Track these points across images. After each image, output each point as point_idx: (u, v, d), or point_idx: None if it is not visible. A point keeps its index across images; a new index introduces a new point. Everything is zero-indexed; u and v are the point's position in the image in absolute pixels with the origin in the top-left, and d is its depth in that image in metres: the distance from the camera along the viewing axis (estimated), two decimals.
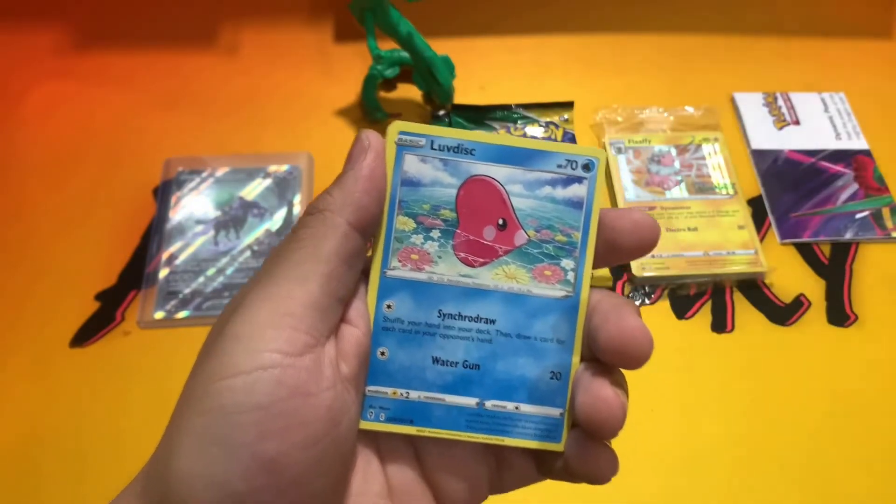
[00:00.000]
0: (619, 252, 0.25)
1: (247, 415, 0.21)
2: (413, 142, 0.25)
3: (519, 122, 0.62)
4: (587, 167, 0.26)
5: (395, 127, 0.25)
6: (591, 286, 0.26)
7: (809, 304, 0.54)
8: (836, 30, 0.70)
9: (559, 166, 0.26)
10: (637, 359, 0.23)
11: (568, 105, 0.63)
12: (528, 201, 0.26)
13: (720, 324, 0.53)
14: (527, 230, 0.26)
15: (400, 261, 0.26)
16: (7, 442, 0.46)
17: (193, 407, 0.22)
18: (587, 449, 0.25)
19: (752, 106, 0.65)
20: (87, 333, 0.51)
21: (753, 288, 0.54)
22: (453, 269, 0.26)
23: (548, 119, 0.62)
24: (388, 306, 0.26)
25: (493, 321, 0.26)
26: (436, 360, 0.26)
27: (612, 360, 0.24)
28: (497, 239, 0.26)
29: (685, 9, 0.71)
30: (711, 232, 0.56)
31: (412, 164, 0.25)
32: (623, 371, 0.25)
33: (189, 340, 0.51)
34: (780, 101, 0.65)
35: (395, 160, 0.25)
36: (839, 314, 0.53)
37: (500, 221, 0.26)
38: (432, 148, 0.25)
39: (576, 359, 0.25)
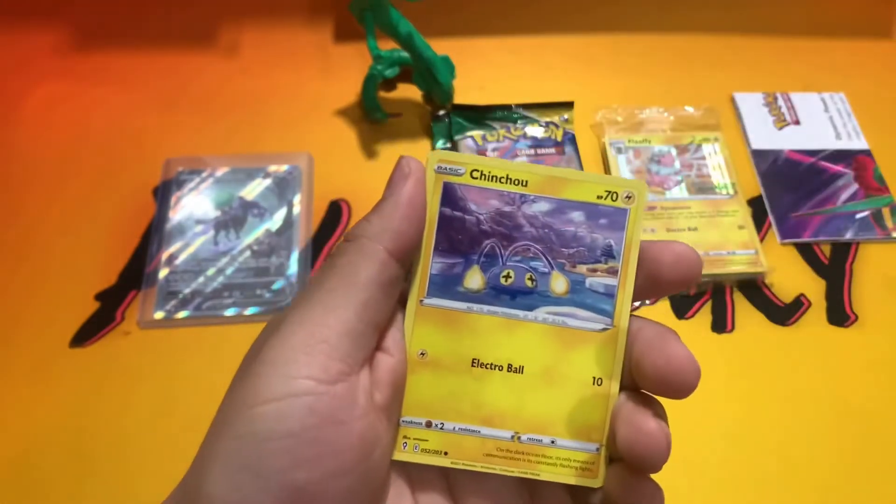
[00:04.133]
0: (660, 285, 0.25)
1: (278, 442, 0.21)
2: (453, 170, 0.25)
3: (519, 122, 0.62)
4: (628, 198, 0.25)
5: (435, 155, 0.25)
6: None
7: (809, 304, 0.54)
8: (836, 30, 0.70)
9: (599, 197, 0.25)
10: (684, 389, 0.23)
11: (568, 105, 0.63)
12: (567, 231, 0.25)
13: (720, 324, 0.53)
14: (566, 261, 0.25)
15: (437, 289, 0.25)
16: (7, 442, 0.46)
17: (225, 432, 0.21)
18: (630, 484, 0.24)
19: (752, 106, 0.65)
20: (87, 333, 0.51)
21: (753, 288, 0.54)
22: (491, 299, 0.25)
23: (548, 119, 0.62)
24: (425, 335, 0.25)
25: (530, 353, 0.25)
26: (471, 392, 0.25)
27: (657, 389, 0.24)
28: (535, 269, 0.25)
29: (685, 9, 0.71)
30: (711, 232, 0.56)
31: (451, 193, 0.25)
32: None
33: (189, 340, 0.51)
34: (780, 101, 0.65)
35: (434, 188, 0.25)
36: (839, 314, 0.53)
37: (539, 251, 0.25)
38: (472, 177, 0.25)
39: (614, 391, 0.25)
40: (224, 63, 0.66)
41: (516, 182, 0.25)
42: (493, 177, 0.25)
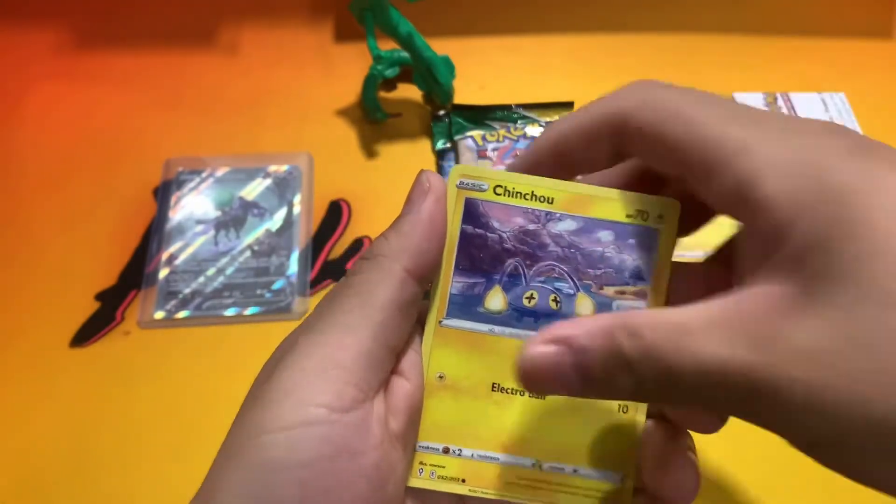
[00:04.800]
0: None
1: (289, 473, 0.20)
2: (475, 186, 0.24)
3: (519, 122, 0.62)
4: (660, 218, 0.24)
5: (457, 170, 0.24)
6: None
7: None
8: (836, 30, 0.70)
9: (629, 216, 0.24)
10: (715, 423, 0.22)
11: (568, 105, 0.63)
12: (594, 251, 0.24)
13: None
14: (592, 282, 0.24)
15: (457, 310, 0.24)
16: (7, 442, 0.46)
17: (234, 461, 0.20)
18: None
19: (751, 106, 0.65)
20: (87, 333, 0.51)
21: None
22: (513, 321, 0.24)
23: (548, 119, 0.62)
24: (444, 358, 0.24)
25: None
26: (491, 417, 0.24)
27: (686, 421, 0.22)
28: (560, 291, 0.24)
29: (685, 9, 0.71)
30: (711, 232, 0.56)
31: (474, 210, 0.24)
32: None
33: (189, 340, 0.51)
34: (780, 101, 0.65)
35: (455, 204, 0.24)
36: None
37: (564, 272, 0.24)
38: (496, 193, 0.24)
39: (640, 419, 0.24)
40: (224, 63, 0.66)
41: (542, 199, 0.24)
42: (517, 193, 0.24)
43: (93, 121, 0.62)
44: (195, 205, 0.57)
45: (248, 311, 0.52)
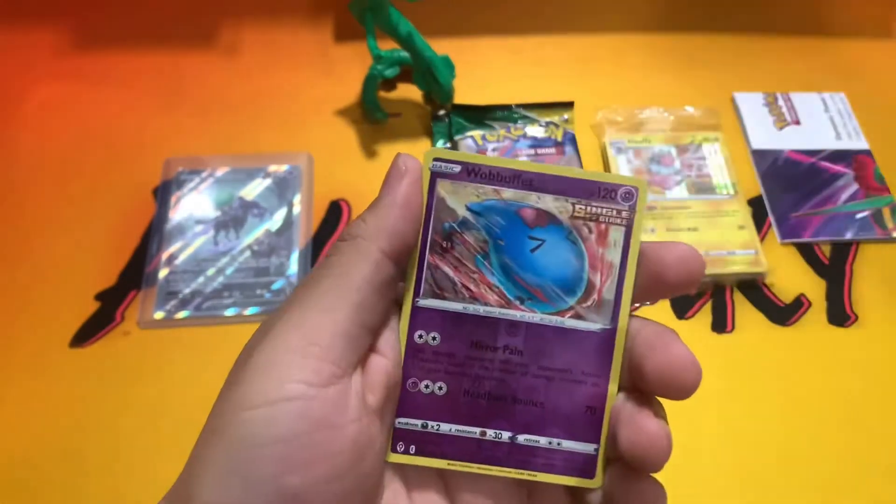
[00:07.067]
0: (663, 287, 0.25)
1: (269, 448, 0.21)
2: (448, 168, 0.25)
3: (519, 122, 0.62)
4: (626, 196, 0.25)
5: (430, 154, 0.25)
6: None
7: (809, 304, 0.54)
8: (836, 30, 0.70)
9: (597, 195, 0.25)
10: (685, 389, 0.23)
11: (568, 105, 0.63)
12: (564, 230, 0.25)
13: (720, 324, 0.53)
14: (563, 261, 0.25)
15: (433, 290, 0.25)
16: (6, 442, 0.46)
17: (216, 437, 0.21)
18: (632, 484, 0.24)
19: (752, 106, 0.65)
20: (87, 333, 0.51)
21: (754, 288, 0.54)
22: (487, 299, 0.25)
23: (548, 119, 0.62)
24: (420, 336, 0.25)
25: (526, 353, 0.25)
26: (467, 393, 0.25)
27: (658, 390, 0.24)
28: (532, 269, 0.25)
29: (686, 9, 0.71)
30: (712, 232, 0.56)
31: (447, 192, 0.25)
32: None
33: (189, 340, 0.51)
34: (781, 101, 0.65)
35: (429, 187, 0.25)
36: (839, 314, 0.53)
37: (535, 251, 0.25)
38: (468, 175, 0.25)
39: (612, 391, 0.25)
40: (224, 63, 0.66)
41: (511, 179, 0.25)
42: (489, 175, 0.25)
43: (93, 121, 0.62)
44: (195, 205, 0.57)
45: (248, 312, 0.52)
